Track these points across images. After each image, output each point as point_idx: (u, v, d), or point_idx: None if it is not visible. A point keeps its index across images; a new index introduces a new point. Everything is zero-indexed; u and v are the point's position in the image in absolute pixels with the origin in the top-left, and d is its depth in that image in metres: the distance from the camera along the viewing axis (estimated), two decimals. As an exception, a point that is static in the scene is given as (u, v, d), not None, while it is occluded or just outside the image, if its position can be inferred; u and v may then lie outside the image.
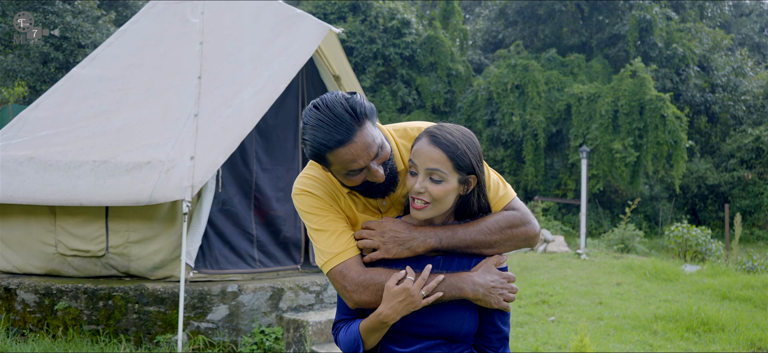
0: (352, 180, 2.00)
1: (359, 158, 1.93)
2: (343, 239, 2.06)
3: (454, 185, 1.98)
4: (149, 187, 5.72)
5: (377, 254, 2.03)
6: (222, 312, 5.97)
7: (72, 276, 6.26)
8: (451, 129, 2.01)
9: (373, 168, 1.97)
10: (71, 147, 6.21)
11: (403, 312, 1.94)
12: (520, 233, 2.08)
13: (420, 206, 1.98)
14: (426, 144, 1.98)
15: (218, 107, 6.24)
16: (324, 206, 2.10)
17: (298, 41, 6.57)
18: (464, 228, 2.04)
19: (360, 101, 1.95)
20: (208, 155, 5.85)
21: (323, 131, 1.91)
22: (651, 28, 23.13)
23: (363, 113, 1.94)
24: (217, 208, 6.40)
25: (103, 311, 5.92)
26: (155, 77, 6.71)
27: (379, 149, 1.97)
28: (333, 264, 2.04)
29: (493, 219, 2.07)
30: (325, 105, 1.93)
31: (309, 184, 2.13)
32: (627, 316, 7.82)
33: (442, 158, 1.95)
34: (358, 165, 1.94)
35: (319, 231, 2.08)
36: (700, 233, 12.73)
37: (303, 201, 2.12)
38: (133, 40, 7.17)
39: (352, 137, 1.91)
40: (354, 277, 2.01)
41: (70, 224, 6.19)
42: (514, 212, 2.10)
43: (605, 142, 21.12)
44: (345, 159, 1.93)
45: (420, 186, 1.96)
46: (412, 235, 2.02)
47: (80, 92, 6.77)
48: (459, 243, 2.02)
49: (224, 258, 6.30)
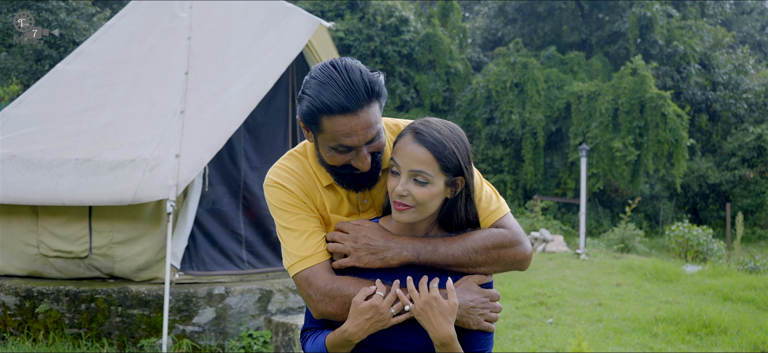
0: (336, 158, 1.82)
1: (356, 134, 1.76)
2: (313, 241, 1.88)
3: (440, 187, 1.79)
4: (133, 186, 5.55)
5: (347, 261, 1.85)
6: (208, 315, 5.79)
7: (54, 277, 6.08)
8: (438, 125, 1.81)
9: (363, 152, 1.80)
10: (54, 145, 6.04)
11: (370, 330, 1.75)
12: (509, 255, 1.89)
13: (402, 209, 1.79)
14: (410, 142, 1.78)
15: (205, 103, 6.07)
16: (296, 202, 1.92)
17: (288, 36, 6.39)
18: (447, 244, 1.85)
19: (378, 79, 1.79)
20: (193, 152, 5.68)
21: (331, 91, 1.73)
22: (651, 26, 22.94)
23: (378, 92, 1.78)
24: (204, 207, 6.23)
25: (86, 314, 5.74)
26: (141, 73, 6.54)
27: (376, 135, 1.80)
28: (299, 268, 1.87)
29: (480, 237, 1.87)
30: (344, 66, 1.76)
31: (283, 176, 1.95)
32: (627, 318, 7.65)
33: (427, 158, 1.76)
34: (351, 142, 1.77)
35: (288, 230, 1.91)
36: (701, 232, 12.55)
37: (274, 195, 1.94)
38: (119, 35, 6.99)
39: (358, 110, 1.74)
40: (320, 285, 1.83)
41: (52, 224, 6.01)
42: (505, 231, 1.91)
43: (605, 140, 20.93)
44: (341, 130, 1.75)
45: (402, 188, 1.77)
46: (387, 245, 1.83)
47: (65, 89, 6.60)
48: (439, 260, 1.83)
49: (211, 259, 6.13)
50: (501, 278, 9.93)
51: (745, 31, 31.20)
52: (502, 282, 9.78)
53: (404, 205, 1.78)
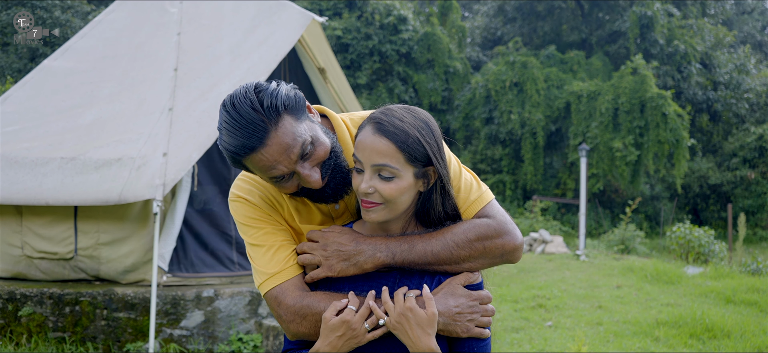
0: (285, 187, 1.67)
1: (278, 163, 1.59)
2: (281, 255, 1.72)
3: (409, 180, 1.62)
4: (119, 185, 5.38)
5: (319, 272, 1.68)
6: (197, 319, 5.62)
7: (39, 279, 5.91)
8: (400, 113, 1.64)
9: (303, 173, 1.63)
10: (39, 143, 5.88)
11: (344, 348, 1.59)
12: (495, 246, 1.71)
13: (370, 206, 1.63)
14: (370, 134, 1.61)
15: (194, 100, 5.91)
16: (261, 216, 1.77)
17: (279, 31, 6.23)
18: (424, 241, 1.67)
19: (273, 93, 1.59)
20: (181, 151, 5.52)
21: (232, 136, 1.58)
22: (652, 25, 22.77)
23: (275, 108, 1.57)
24: (193, 207, 6.06)
25: (70, 317, 5.57)
26: (130, 70, 6.39)
27: (306, 147, 1.62)
28: (268, 287, 1.71)
29: (462, 229, 1.70)
30: (232, 104, 1.59)
31: (245, 189, 1.80)
32: (627, 321, 7.49)
33: (390, 150, 1.59)
34: (278, 171, 1.61)
35: (255, 246, 1.75)
36: (703, 234, 12.38)
37: (237, 210, 1.79)
38: (108, 31, 6.84)
39: (265, 140, 1.56)
40: (290, 304, 1.67)
41: (37, 224, 5.85)
42: (488, 221, 1.73)
43: (605, 140, 20.76)
44: (261, 165, 1.60)
45: (367, 186, 1.61)
46: (358, 248, 1.67)
47: (51, 85, 6.44)
48: (417, 258, 1.66)
49: (200, 261, 5.97)
50: (499, 279, 9.77)
51: (746, 31, 31.04)
52: (501, 283, 9.62)
53: (372, 203, 1.62)
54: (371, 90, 23.08)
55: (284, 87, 1.63)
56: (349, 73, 22.10)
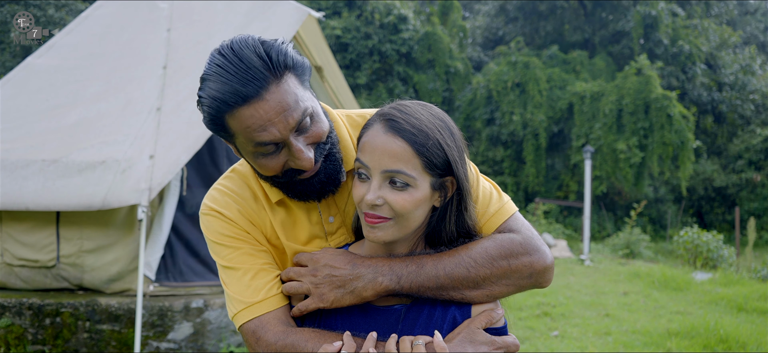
0: (267, 164, 1.37)
1: (271, 123, 1.30)
2: (261, 282, 1.43)
3: (424, 192, 1.31)
4: (103, 190, 5.08)
5: (309, 303, 1.38)
6: (185, 331, 5.32)
7: (20, 288, 5.61)
8: (416, 109, 1.33)
9: (296, 146, 1.34)
10: (20, 144, 5.58)
11: None
12: (522, 266, 1.40)
13: (376, 222, 1.31)
14: (381, 133, 1.31)
15: (184, 100, 5.61)
16: (238, 233, 1.47)
17: (273, 27, 5.93)
18: (435, 260, 1.36)
19: (280, 48, 1.32)
20: (169, 153, 5.22)
21: (222, 82, 1.28)
22: (656, 25, 22.47)
23: (283, 63, 1.31)
24: (182, 212, 5.76)
25: (50, 329, 5.26)
26: (117, 68, 6.10)
27: (305, 117, 1.34)
28: (244, 319, 1.41)
29: (481, 245, 1.39)
30: (231, 48, 1.31)
31: (220, 201, 1.50)
32: (637, 331, 7.20)
33: (406, 153, 1.28)
34: (270, 135, 1.31)
35: (229, 270, 1.45)
36: (711, 238, 12.07)
37: (210, 226, 1.49)
38: (95, 26, 6.55)
39: (262, 92, 1.28)
40: (270, 341, 1.37)
41: (17, 230, 5.55)
42: (512, 236, 1.42)
43: (609, 142, 20.45)
44: (251, 124, 1.30)
45: (375, 195, 1.29)
46: (356, 272, 1.36)
47: (34, 84, 6.15)
48: (428, 282, 1.35)
49: (189, 269, 5.66)
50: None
51: (749, 31, 30.74)
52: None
53: (379, 217, 1.31)
54: (371, 90, 22.79)
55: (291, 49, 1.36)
56: (349, 73, 21.81)
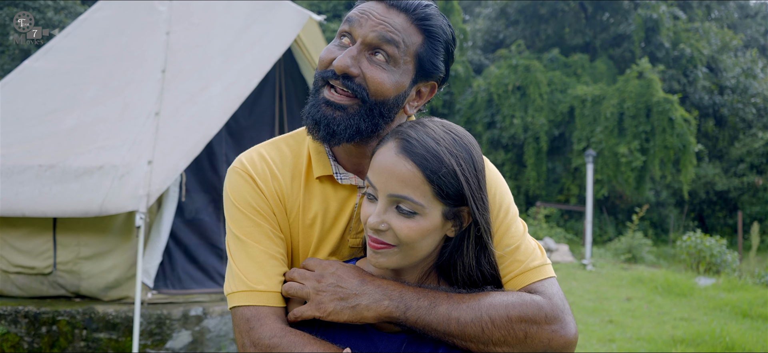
0: (329, 49, 1.37)
1: (361, 17, 1.34)
2: (270, 270, 1.33)
3: (434, 221, 1.22)
4: (100, 196, 5.00)
5: (305, 309, 1.29)
6: (184, 339, 5.23)
7: (16, 295, 5.51)
8: (436, 131, 1.24)
9: (351, 48, 1.33)
10: (16, 149, 5.49)
11: None
12: (542, 336, 1.26)
13: (379, 247, 1.23)
14: (391, 153, 1.22)
15: (182, 104, 5.53)
16: (264, 208, 1.37)
17: (274, 30, 5.84)
18: (451, 302, 1.26)
19: (431, 9, 1.42)
20: (168, 158, 5.13)
21: None
22: (657, 28, 22.39)
23: (419, 15, 1.38)
24: (181, 218, 5.67)
25: (46, 337, 5.17)
26: (115, 71, 6.01)
27: (378, 48, 1.32)
28: (241, 301, 1.31)
29: (503, 301, 1.27)
30: None
31: (259, 167, 1.41)
32: (641, 338, 7.12)
33: (415, 178, 1.19)
34: (349, 25, 1.35)
35: (241, 241, 1.35)
36: (714, 243, 11.98)
37: (237, 186, 1.39)
38: (93, 29, 6.46)
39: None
40: (263, 336, 1.27)
41: (13, 236, 5.46)
42: (539, 300, 1.30)
43: (610, 146, 20.36)
44: (355, 9, 1.37)
45: (378, 220, 1.21)
46: (362, 288, 1.27)
47: (31, 88, 6.06)
48: (437, 324, 1.24)
49: (188, 276, 5.57)
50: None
51: (750, 34, 30.68)
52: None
53: (382, 243, 1.23)
54: (371, 93, 22.70)
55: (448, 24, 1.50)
56: (349, 77, 21.72)
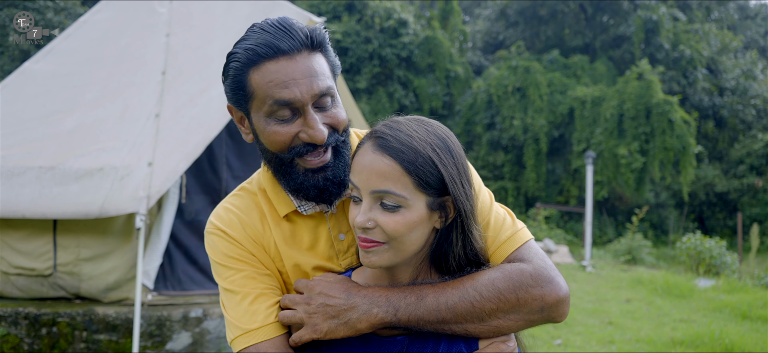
0: (279, 132, 1.33)
1: (295, 82, 1.29)
2: (261, 307, 1.36)
3: (419, 213, 1.24)
4: (100, 197, 5.00)
5: (302, 333, 1.31)
6: (184, 341, 5.23)
7: (16, 297, 5.52)
8: (409, 126, 1.26)
9: (311, 115, 1.31)
10: (16, 151, 5.50)
11: None
12: (532, 298, 1.29)
13: (369, 246, 1.25)
14: (369, 151, 1.25)
15: (183, 106, 5.53)
16: (241, 254, 1.41)
17: (274, 33, 5.84)
18: (436, 291, 1.28)
19: (321, 33, 1.38)
20: (168, 160, 5.14)
21: (259, 36, 1.32)
22: (657, 29, 22.40)
23: (319, 42, 1.37)
24: (181, 220, 5.67)
25: (47, 339, 5.18)
26: (115, 73, 6.02)
27: (327, 94, 1.33)
28: (242, 345, 1.34)
29: (486, 276, 1.30)
30: (277, 18, 1.39)
31: (226, 220, 1.44)
32: (640, 339, 7.11)
33: (393, 171, 1.22)
34: (291, 94, 1.29)
35: (230, 293, 1.39)
36: (714, 245, 11.98)
37: (214, 245, 1.43)
38: (93, 31, 6.47)
39: (294, 53, 1.32)
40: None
41: (13, 238, 5.46)
42: (522, 266, 1.32)
43: (610, 147, 20.37)
44: (275, 79, 1.30)
45: (365, 218, 1.23)
46: (350, 302, 1.29)
47: (31, 90, 6.07)
48: (428, 315, 1.26)
49: (188, 278, 5.57)
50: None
51: (749, 36, 30.70)
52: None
53: (371, 241, 1.24)
54: (371, 94, 22.71)
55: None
56: (349, 78, 21.74)
